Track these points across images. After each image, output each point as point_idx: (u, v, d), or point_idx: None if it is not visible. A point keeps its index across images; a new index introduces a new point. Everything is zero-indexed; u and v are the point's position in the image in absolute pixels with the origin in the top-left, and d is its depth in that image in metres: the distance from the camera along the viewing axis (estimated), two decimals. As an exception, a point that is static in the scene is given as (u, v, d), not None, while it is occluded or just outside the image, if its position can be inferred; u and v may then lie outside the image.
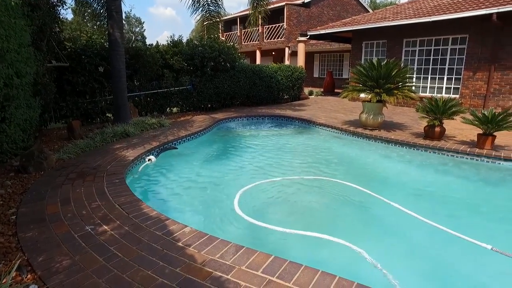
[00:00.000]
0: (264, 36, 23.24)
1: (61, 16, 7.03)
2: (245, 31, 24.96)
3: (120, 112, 7.47)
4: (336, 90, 17.89)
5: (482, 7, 9.32)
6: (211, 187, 4.83)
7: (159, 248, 2.59)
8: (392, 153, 6.61)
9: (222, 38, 23.68)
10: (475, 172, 5.55)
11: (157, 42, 10.38)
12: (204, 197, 4.49)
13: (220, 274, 2.25)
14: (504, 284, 2.74)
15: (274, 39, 22.64)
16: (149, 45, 10.21)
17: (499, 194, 4.86)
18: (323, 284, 2.11)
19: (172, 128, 7.61)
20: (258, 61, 23.33)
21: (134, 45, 9.49)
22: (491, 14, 8.94)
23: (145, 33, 48.89)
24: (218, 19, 12.46)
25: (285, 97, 13.36)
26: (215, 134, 8.14)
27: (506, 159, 5.45)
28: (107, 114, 8.47)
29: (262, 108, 11.26)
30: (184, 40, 10.74)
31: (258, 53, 23.78)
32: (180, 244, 2.65)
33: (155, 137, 6.70)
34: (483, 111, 5.98)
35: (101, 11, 9.38)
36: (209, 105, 10.83)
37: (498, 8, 8.78)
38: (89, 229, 2.90)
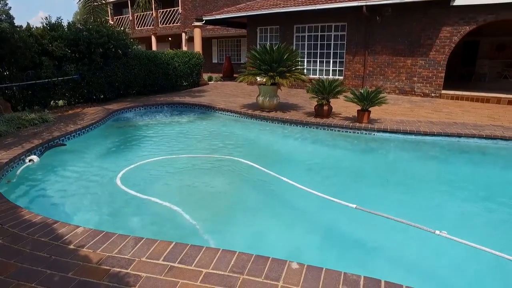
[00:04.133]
0: (159, 21, 22.10)
1: None
2: (138, 15, 23.31)
3: (-14, 108, 6.31)
4: (235, 75, 18.16)
5: (356, -1, 10.55)
6: (105, 181, 4.48)
7: (45, 255, 2.33)
8: (288, 132, 7.13)
9: (111, 22, 21.71)
10: (355, 143, 6.39)
11: (28, 24, 8.87)
12: (98, 193, 4.17)
13: (119, 269, 2.14)
14: (366, 234, 3.29)
15: (169, 24, 21.71)
16: (18, 27, 8.72)
17: (373, 160, 5.72)
18: (224, 261, 2.20)
19: (58, 123, 6.77)
20: (154, 47, 22.14)
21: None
22: (361, 6, 10.23)
23: (11, 12, 41.43)
24: (104, 1, 11.38)
25: (184, 84, 13.06)
26: (110, 126, 7.52)
27: (378, 130, 6.42)
28: (-32, 112, 7.04)
29: (161, 96, 10.80)
30: (65, 23, 9.48)
31: (153, 39, 22.54)
32: (71, 247, 2.42)
33: (36, 134, 5.86)
34: (360, 90, 6.86)
35: None
36: (102, 96, 9.90)
37: (366, 2, 10.11)
38: None
